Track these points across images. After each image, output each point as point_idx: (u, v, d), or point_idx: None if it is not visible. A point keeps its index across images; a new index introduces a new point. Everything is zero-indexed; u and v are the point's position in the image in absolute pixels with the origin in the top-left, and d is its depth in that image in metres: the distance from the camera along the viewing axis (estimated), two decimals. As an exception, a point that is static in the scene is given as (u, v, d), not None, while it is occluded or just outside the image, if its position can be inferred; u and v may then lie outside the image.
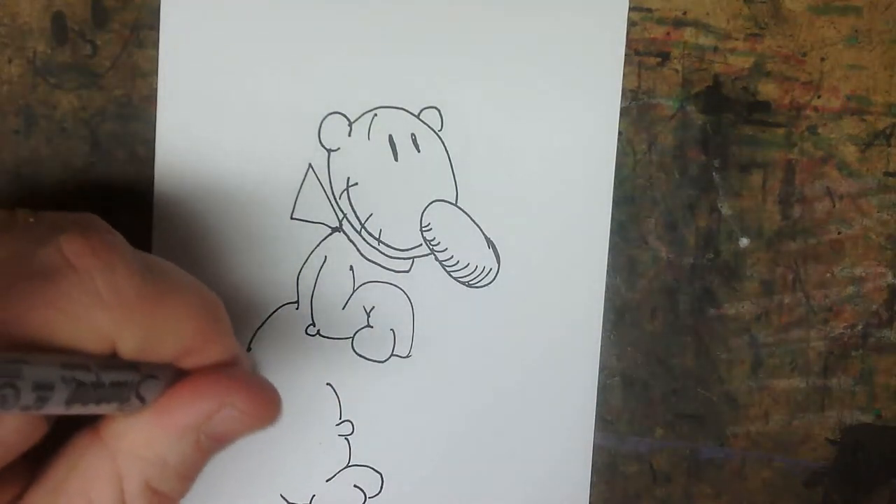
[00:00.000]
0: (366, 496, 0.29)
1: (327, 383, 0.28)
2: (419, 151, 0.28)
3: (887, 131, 0.28)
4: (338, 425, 0.28)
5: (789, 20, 0.28)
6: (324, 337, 0.28)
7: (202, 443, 0.21)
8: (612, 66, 0.28)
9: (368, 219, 0.28)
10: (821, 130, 0.28)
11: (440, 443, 0.29)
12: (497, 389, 0.28)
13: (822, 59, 0.28)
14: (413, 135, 0.27)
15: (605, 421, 0.29)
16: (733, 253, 0.29)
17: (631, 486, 0.29)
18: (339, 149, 0.27)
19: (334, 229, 0.27)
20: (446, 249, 0.28)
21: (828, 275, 0.29)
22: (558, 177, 0.28)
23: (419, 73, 0.27)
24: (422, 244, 0.28)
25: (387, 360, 0.28)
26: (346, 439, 0.28)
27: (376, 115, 0.27)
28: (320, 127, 0.27)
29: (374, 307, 0.28)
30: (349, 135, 0.27)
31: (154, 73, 0.27)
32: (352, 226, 0.28)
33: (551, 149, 0.28)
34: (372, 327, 0.28)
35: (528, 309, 0.28)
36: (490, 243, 0.28)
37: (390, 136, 0.27)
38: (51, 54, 0.26)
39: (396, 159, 0.27)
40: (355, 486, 0.29)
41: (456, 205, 0.28)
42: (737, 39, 0.28)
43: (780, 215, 0.28)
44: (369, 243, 0.28)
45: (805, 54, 0.28)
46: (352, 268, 0.28)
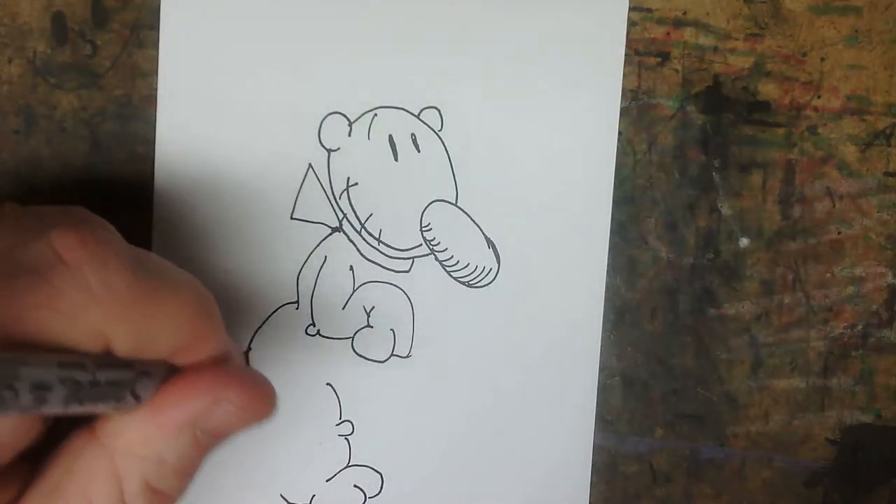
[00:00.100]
0: (366, 496, 0.29)
1: (327, 383, 0.28)
2: (419, 151, 0.28)
3: (887, 131, 0.28)
4: (338, 425, 0.28)
5: (789, 20, 0.28)
6: (324, 337, 0.28)
7: (199, 439, 0.20)
8: (612, 66, 0.28)
9: (368, 219, 0.28)
10: (821, 130, 0.28)
11: (440, 443, 0.29)
12: (497, 389, 0.28)
13: (822, 59, 0.28)
14: (413, 135, 0.27)
15: (605, 421, 0.29)
16: (733, 253, 0.29)
17: (631, 486, 0.29)
18: (339, 149, 0.27)
19: (334, 229, 0.27)
20: (446, 249, 0.28)
21: (828, 275, 0.29)
22: (558, 177, 0.28)
23: (419, 73, 0.27)
24: (422, 244, 0.28)
25: (387, 360, 0.28)
26: (346, 439, 0.28)
27: (376, 115, 0.27)
28: (320, 127, 0.27)
29: (374, 307, 0.28)
30: (349, 135, 0.27)
31: (154, 73, 0.27)
32: (352, 226, 0.28)
33: (551, 149, 0.28)
34: (372, 327, 0.28)
35: (528, 309, 0.28)
36: (490, 243, 0.28)
37: (390, 136, 0.27)
38: (51, 54, 0.26)
39: (396, 159, 0.27)
40: (355, 486, 0.29)
41: (456, 205, 0.28)
42: (737, 39, 0.28)
43: (780, 215, 0.28)
44: (369, 243, 0.28)
45: (805, 54, 0.28)
46: (352, 268, 0.28)
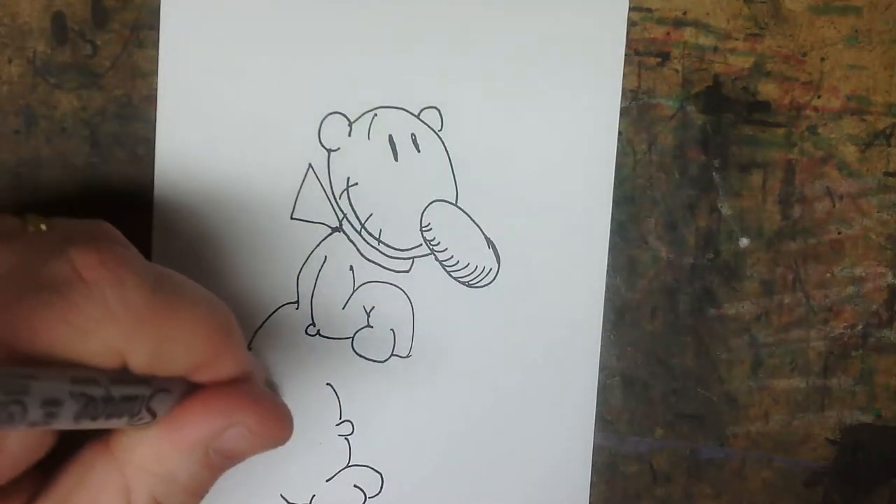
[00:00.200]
0: (366, 496, 0.29)
1: (327, 383, 0.28)
2: (419, 151, 0.28)
3: (887, 131, 0.28)
4: (338, 425, 0.28)
5: (789, 20, 0.28)
6: (324, 337, 0.28)
7: (211, 459, 0.20)
8: (612, 66, 0.28)
9: (368, 219, 0.28)
10: (821, 130, 0.28)
11: (440, 443, 0.29)
12: (497, 389, 0.28)
13: (822, 59, 0.28)
14: (413, 135, 0.27)
15: (605, 421, 0.29)
16: (733, 253, 0.29)
17: (631, 486, 0.29)
18: (339, 149, 0.27)
19: (334, 229, 0.27)
20: (446, 249, 0.28)
21: (828, 275, 0.29)
22: (558, 177, 0.28)
23: (419, 73, 0.27)
24: (422, 244, 0.28)
25: (387, 360, 0.28)
26: (346, 439, 0.28)
27: (376, 115, 0.27)
28: (320, 127, 0.27)
29: (374, 307, 0.28)
30: (349, 135, 0.27)
31: (154, 73, 0.27)
32: (352, 226, 0.28)
33: (551, 149, 0.28)
34: (372, 327, 0.28)
35: (528, 309, 0.28)
36: (490, 243, 0.28)
37: (390, 136, 0.27)
38: (51, 54, 0.26)
39: (396, 159, 0.27)
40: (355, 486, 0.29)
41: (456, 205, 0.28)
42: (737, 39, 0.28)
43: (780, 215, 0.28)
44: (369, 243, 0.28)
45: (805, 54, 0.28)
46: (352, 268, 0.28)
